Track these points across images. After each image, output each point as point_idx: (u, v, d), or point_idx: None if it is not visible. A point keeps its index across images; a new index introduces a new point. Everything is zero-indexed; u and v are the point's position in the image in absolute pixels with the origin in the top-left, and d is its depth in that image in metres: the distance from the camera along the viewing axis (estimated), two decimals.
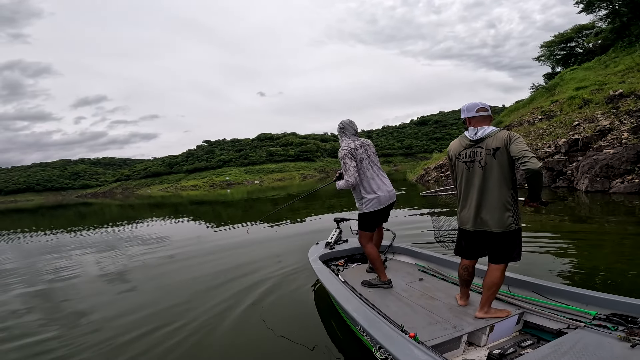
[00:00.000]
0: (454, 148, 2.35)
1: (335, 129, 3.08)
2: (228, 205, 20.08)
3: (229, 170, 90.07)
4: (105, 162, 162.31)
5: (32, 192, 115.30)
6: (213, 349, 2.71)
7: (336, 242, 4.05)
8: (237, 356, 2.59)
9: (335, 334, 2.75)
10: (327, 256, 3.74)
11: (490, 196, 2.14)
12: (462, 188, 2.29)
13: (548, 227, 5.94)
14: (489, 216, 2.15)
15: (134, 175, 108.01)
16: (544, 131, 13.06)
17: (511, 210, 2.13)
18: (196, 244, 7.33)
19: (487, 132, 2.15)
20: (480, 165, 2.16)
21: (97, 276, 5.31)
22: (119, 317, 3.52)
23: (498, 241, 2.18)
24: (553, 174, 10.46)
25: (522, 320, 2.28)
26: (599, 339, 1.83)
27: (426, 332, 2.08)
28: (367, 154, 2.95)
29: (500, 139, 2.10)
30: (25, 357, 2.88)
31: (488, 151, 2.13)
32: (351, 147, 2.89)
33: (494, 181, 2.13)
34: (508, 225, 2.13)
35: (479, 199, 2.18)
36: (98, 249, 7.83)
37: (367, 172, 2.90)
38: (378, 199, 2.87)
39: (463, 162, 2.26)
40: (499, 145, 2.10)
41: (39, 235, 11.47)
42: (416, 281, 3.05)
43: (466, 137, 2.26)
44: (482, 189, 2.16)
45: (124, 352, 2.76)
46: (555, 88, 18.23)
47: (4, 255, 8.08)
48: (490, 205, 2.15)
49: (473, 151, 2.20)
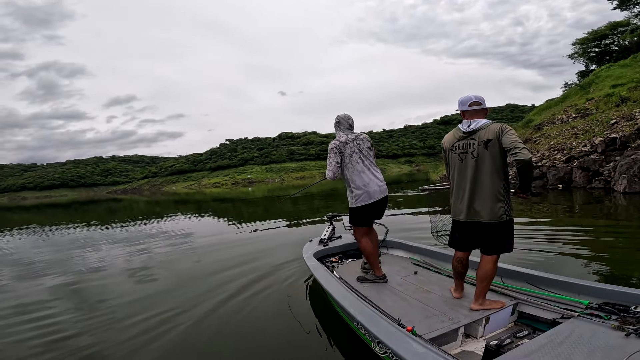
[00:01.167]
0: (448, 140, 2.38)
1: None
2: (249, 202, 20.38)
3: (251, 168, 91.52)
4: (135, 159, 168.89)
5: (66, 188, 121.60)
6: (208, 341, 2.74)
7: (330, 239, 4.05)
8: (234, 350, 2.61)
9: (331, 330, 2.74)
10: (322, 253, 3.74)
11: (482, 187, 2.18)
12: (455, 179, 2.33)
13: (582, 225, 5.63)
14: (481, 207, 2.18)
15: (160, 172, 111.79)
16: (578, 130, 12.42)
17: (503, 201, 2.17)
18: (205, 239, 7.48)
19: (480, 124, 2.19)
20: (472, 156, 2.20)
21: (123, 269, 5.50)
22: (134, 302, 3.68)
23: (490, 232, 2.20)
24: (589, 175, 9.91)
25: (517, 311, 2.31)
26: (593, 328, 1.86)
27: (423, 326, 2.10)
28: (360, 148, 2.90)
29: (492, 131, 2.14)
30: (39, 335, 3.10)
31: (480, 143, 2.17)
32: (341, 141, 2.87)
33: (486, 172, 2.16)
34: (500, 216, 2.16)
35: (471, 189, 2.21)
36: (125, 242, 8.12)
37: (356, 165, 2.86)
38: (367, 193, 2.84)
39: (456, 153, 2.29)
40: (491, 137, 2.13)
41: (72, 229, 12.05)
42: (411, 275, 3.07)
43: (460, 129, 2.30)
44: (474, 180, 2.20)
45: (132, 333, 2.94)
46: (590, 86, 17.34)
47: (39, 248, 8.53)
48: (483, 196, 2.18)
49: (466, 143, 2.24)
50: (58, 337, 3.06)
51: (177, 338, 2.82)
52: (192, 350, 2.63)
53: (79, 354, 2.71)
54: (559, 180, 10.54)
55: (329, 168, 2.86)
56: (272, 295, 3.61)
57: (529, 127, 17.21)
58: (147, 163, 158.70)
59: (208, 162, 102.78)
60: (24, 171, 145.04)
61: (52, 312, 3.70)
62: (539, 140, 13.88)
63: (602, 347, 1.68)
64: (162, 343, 2.76)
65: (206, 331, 2.91)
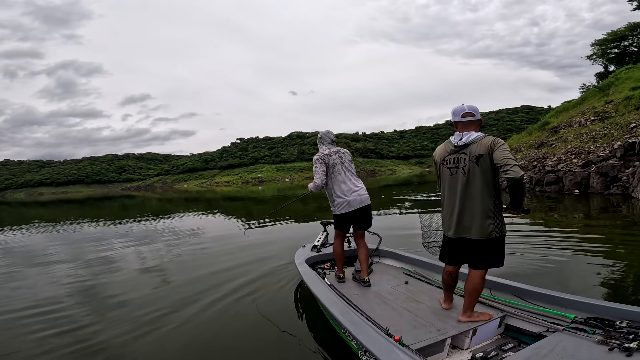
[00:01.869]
0: (439, 153, 2.32)
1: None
2: (259, 201, 20.47)
3: (261, 167, 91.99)
4: (148, 157, 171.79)
5: (82, 184, 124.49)
6: (203, 342, 2.75)
7: (323, 245, 4.07)
8: (220, 355, 2.62)
9: (320, 337, 2.74)
10: (314, 259, 3.76)
11: (472, 203, 2.13)
12: (445, 194, 2.29)
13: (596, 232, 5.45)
14: (471, 223, 2.15)
15: (172, 170, 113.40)
16: (597, 133, 12.08)
17: (492, 217, 2.12)
18: (209, 239, 7.53)
19: (472, 138, 2.13)
20: (463, 172, 2.14)
21: (134, 264, 5.56)
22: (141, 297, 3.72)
23: (479, 248, 2.17)
24: (607, 180, 9.60)
25: (504, 323, 2.32)
26: (577, 342, 1.87)
27: (411, 336, 2.11)
28: (341, 160, 3.15)
29: (484, 146, 2.07)
30: (49, 327, 3.19)
31: (472, 158, 2.10)
32: (325, 153, 3.13)
33: (476, 188, 2.11)
34: (489, 233, 2.12)
35: (460, 205, 2.17)
36: (136, 238, 8.22)
37: (338, 176, 3.09)
38: (348, 202, 3.04)
39: (447, 168, 2.24)
40: (482, 152, 2.07)
41: (86, 225, 12.30)
42: (401, 284, 3.09)
43: (451, 142, 2.23)
44: (464, 196, 2.15)
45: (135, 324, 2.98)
46: (609, 88, 16.85)
47: (55, 242, 8.72)
48: (472, 212, 2.13)
49: (457, 157, 2.18)
50: (63, 329, 3.10)
51: (160, 338, 2.88)
52: (173, 350, 2.66)
53: (80, 344, 2.76)
54: (575, 185, 10.25)
55: (316, 177, 3.08)
56: (261, 299, 3.60)
57: (545, 130, 16.82)
58: (160, 161, 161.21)
59: (219, 160, 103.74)
60: (41, 167, 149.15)
61: (60, 306, 3.75)
62: (556, 143, 13.54)
63: None
64: (148, 340, 2.82)
65: (188, 333, 2.94)
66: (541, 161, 12.69)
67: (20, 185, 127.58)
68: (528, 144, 15.81)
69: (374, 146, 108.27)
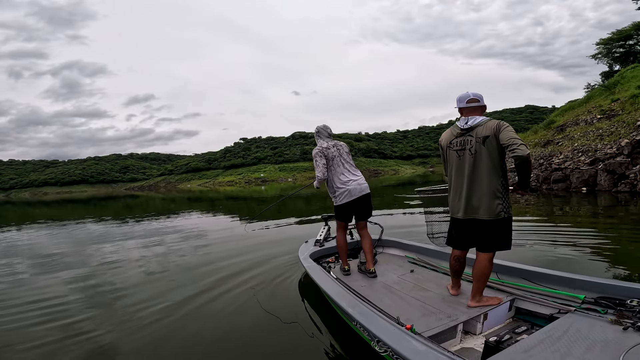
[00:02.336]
0: (446, 137, 2.37)
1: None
2: (261, 201, 20.45)
3: (264, 167, 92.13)
4: (152, 157, 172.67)
5: (86, 184, 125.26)
6: (211, 335, 2.73)
7: (325, 239, 4.08)
8: (230, 351, 2.58)
9: (330, 331, 2.72)
10: (318, 254, 3.75)
11: (480, 184, 2.17)
12: (452, 176, 2.32)
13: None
14: (479, 203, 2.17)
15: (176, 170, 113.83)
16: (604, 131, 11.93)
17: (501, 198, 2.16)
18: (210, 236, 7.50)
19: (478, 121, 2.19)
20: (470, 153, 2.19)
21: (135, 262, 5.54)
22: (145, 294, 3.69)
23: (487, 229, 2.19)
24: (614, 178, 9.47)
25: (514, 306, 2.32)
26: (590, 323, 1.87)
27: (422, 323, 2.11)
28: (340, 153, 3.21)
29: (490, 128, 2.13)
30: (49, 320, 3.18)
31: (478, 139, 2.16)
32: (323, 146, 3.19)
33: (483, 169, 2.15)
34: (497, 213, 2.15)
35: (469, 186, 2.20)
36: (140, 236, 8.22)
37: (337, 168, 3.17)
38: (349, 192, 3.11)
39: (454, 150, 2.28)
40: (488, 134, 2.12)
41: (90, 224, 12.31)
42: (407, 273, 3.10)
43: (457, 126, 2.29)
44: (472, 177, 2.19)
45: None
46: (615, 86, 16.67)
47: (58, 240, 8.73)
48: (480, 193, 2.17)
49: (464, 139, 2.23)
50: (65, 322, 3.10)
51: (161, 332, 2.87)
52: (172, 346, 2.62)
53: (81, 337, 2.74)
54: (582, 183, 10.12)
55: (317, 170, 3.15)
56: (265, 294, 3.58)
57: (550, 129, 16.66)
58: (164, 161, 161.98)
59: (222, 160, 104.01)
60: (46, 167, 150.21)
61: (62, 300, 3.74)
62: (562, 141, 13.39)
63: (600, 341, 1.69)
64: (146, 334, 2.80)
65: (189, 327, 2.93)
66: (548, 159, 12.55)
67: (25, 185, 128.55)
68: (534, 143, 15.65)
69: (376, 146, 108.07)
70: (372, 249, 3.22)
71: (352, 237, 4.06)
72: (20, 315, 3.49)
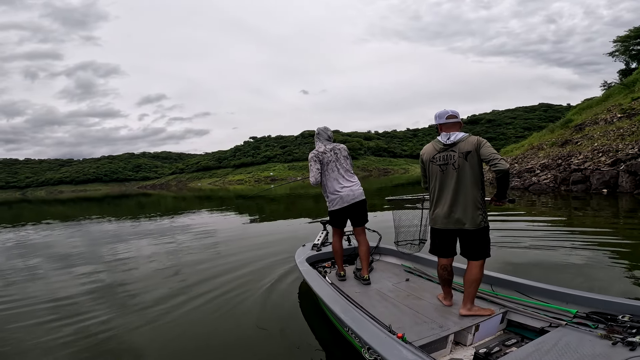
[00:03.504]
0: (428, 152, 2.47)
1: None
2: (270, 200, 20.43)
3: (274, 166, 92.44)
4: (163, 156, 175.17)
5: (100, 183, 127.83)
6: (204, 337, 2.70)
7: (323, 244, 4.05)
8: (220, 351, 2.60)
9: (322, 335, 2.71)
10: (314, 258, 3.75)
11: (463, 196, 2.28)
12: (436, 189, 2.40)
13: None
14: (463, 215, 2.28)
15: (187, 168, 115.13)
16: (624, 131, 11.51)
17: (480, 209, 2.29)
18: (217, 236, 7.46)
19: (459, 137, 2.31)
20: (454, 167, 2.30)
21: (147, 258, 5.52)
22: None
23: (472, 238, 2.30)
24: (636, 179, 9.10)
25: (506, 319, 2.32)
26: (580, 337, 1.86)
27: (413, 332, 2.11)
28: (336, 157, 3.18)
29: (471, 143, 2.26)
30: (60, 318, 3.18)
31: (461, 154, 2.28)
32: (320, 151, 3.17)
33: (466, 182, 2.27)
34: (479, 223, 2.27)
35: (453, 198, 2.30)
36: (151, 235, 8.25)
37: (332, 173, 3.14)
38: (341, 198, 3.09)
39: (437, 165, 2.38)
40: (470, 149, 2.25)
41: (104, 222, 12.46)
42: (402, 282, 3.10)
43: (440, 141, 2.38)
44: (456, 190, 2.29)
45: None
46: (634, 84, 16.09)
47: (73, 238, 8.85)
48: (464, 205, 2.28)
49: (446, 154, 2.33)
50: (72, 319, 3.14)
51: (159, 329, 2.83)
52: (166, 341, 2.58)
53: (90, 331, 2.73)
54: (603, 184, 9.75)
55: (311, 175, 3.16)
56: (262, 298, 3.56)
57: (568, 128, 16.18)
58: (175, 159, 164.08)
59: (232, 159, 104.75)
60: (61, 166, 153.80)
61: (76, 300, 3.73)
62: (581, 141, 12.97)
63: (588, 355, 1.69)
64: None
65: (181, 327, 2.97)
66: (566, 159, 12.16)
67: (41, 184, 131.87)
68: (551, 142, 15.22)
69: (386, 145, 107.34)
70: (368, 256, 3.20)
71: (349, 243, 4.06)
72: (31, 308, 3.59)
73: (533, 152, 15.73)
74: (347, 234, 4.01)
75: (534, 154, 15.34)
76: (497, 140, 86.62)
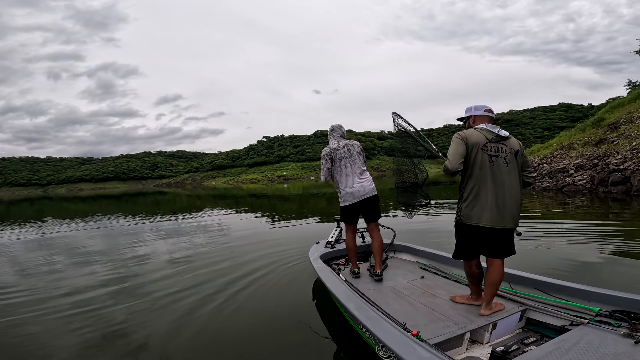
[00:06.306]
0: (477, 137, 2.21)
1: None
2: (284, 199, 20.19)
3: (287, 165, 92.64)
4: (179, 155, 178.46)
5: (118, 181, 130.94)
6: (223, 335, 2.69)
7: (337, 241, 4.07)
8: (235, 346, 2.59)
9: (335, 333, 2.70)
10: (328, 255, 3.75)
11: (512, 193, 2.17)
12: (480, 181, 2.17)
13: None
14: (510, 213, 2.16)
15: (202, 167, 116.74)
16: None
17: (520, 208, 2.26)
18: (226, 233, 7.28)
19: (507, 133, 2.25)
20: (505, 161, 2.19)
21: (164, 255, 5.52)
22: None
23: (509, 237, 2.22)
24: None
25: (525, 317, 2.27)
26: (602, 336, 1.82)
27: (429, 330, 2.07)
28: (349, 154, 3.18)
29: (517, 144, 2.27)
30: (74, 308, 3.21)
31: (511, 151, 2.22)
32: (332, 147, 3.20)
33: (515, 179, 2.20)
34: (518, 222, 2.22)
35: (503, 195, 2.15)
36: (166, 233, 8.32)
37: (344, 169, 3.15)
38: (352, 194, 3.11)
39: (488, 154, 2.20)
40: (518, 149, 2.25)
41: (122, 219, 12.68)
42: (417, 279, 3.06)
43: (489, 130, 2.23)
44: (508, 186, 2.17)
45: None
46: None
47: (92, 233, 8.98)
48: (512, 202, 2.17)
49: (499, 147, 2.21)
50: (89, 315, 3.11)
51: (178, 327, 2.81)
52: (184, 339, 2.59)
53: None
54: None
55: (321, 173, 3.26)
56: (276, 295, 3.57)
57: (600, 126, 15.31)
58: (190, 158, 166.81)
59: (246, 158, 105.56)
60: (81, 164, 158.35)
61: (92, 295, 3.76)
62: (617, 140, 12.17)
63: (610, 354, 1.65)
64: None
65: (198, 324, 2.93)
66: (603, 159, 11.40)
67: (62, 181, 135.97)
68: (583, 141, 14.42)
69: (400, 145, 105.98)
70: (381, 251, 3.19)
71: (363, 240, 4.04)
72: (52, 304, 3.58)
73: (564, 151, 14.95)
74: (361, 231, 3.97)
75: (565, 153, 14.58)
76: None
